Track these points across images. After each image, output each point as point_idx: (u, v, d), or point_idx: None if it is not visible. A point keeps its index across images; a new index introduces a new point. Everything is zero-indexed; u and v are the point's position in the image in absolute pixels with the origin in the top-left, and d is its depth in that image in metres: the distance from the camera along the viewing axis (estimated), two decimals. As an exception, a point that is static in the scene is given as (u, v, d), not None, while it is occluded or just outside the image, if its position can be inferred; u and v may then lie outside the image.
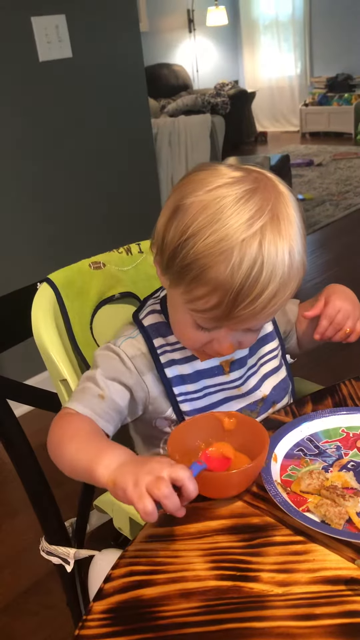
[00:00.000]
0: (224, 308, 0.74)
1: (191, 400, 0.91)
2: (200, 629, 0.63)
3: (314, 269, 3.58)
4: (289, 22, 7.30)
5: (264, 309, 0.75)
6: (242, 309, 0.73)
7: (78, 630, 0.64)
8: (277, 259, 0.72)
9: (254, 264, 0.71)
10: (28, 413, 1.82)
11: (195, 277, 0.73)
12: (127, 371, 0.87)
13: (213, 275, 0.72)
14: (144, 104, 2.72)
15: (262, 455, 0.76)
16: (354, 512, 0.73)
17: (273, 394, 0.97)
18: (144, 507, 0.64)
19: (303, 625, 0.62)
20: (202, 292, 0.74)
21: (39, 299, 0.98)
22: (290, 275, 0.75)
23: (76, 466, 0.76)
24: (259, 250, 0.71)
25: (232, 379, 0.93)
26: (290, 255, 0.74)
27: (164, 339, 0.90)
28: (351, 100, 6.85)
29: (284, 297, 0.76)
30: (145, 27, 6.19)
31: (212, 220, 0.71)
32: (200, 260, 0.72)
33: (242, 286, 0.72)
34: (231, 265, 0.71)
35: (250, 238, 0.71)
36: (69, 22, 2.28)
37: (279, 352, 1.00)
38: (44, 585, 1.64)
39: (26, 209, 2.31)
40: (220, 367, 0.92)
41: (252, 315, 0.75)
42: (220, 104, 6.06)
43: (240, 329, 0.80)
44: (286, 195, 0.76)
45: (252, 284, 0.72)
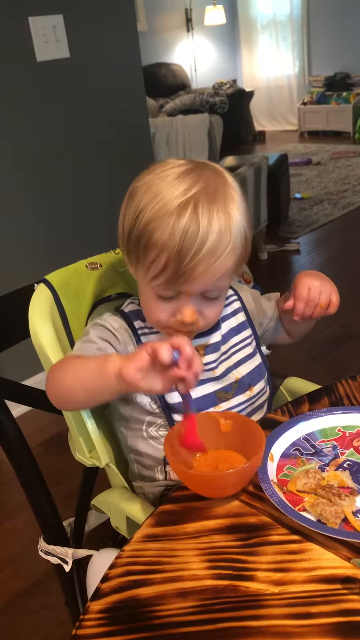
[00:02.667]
0: (172, 267, 0.82)
1: None
2: (197, 628, 0.63)
3: (313, 267, 3.58)
4: (287, 21, 7.30)
5: (209, 265, 0.82)
6: (187, 264, 0.81)
7: (75, 629, 0.64)
8: (211, 217, 0.81)
9: (189, 221, 0.80)
10: (26, 413, 1.83)
11: (145, 245, 0.83)
12: (115, 338, 0.94)
13: (157, 237, 0.82)
14: (141, 103, 2.72)
15: (258, 455, 0.77)
16: (350, 511, 0.74)
17: (247, 377, 1.00)
18: (162, 348, 0.71)
19: (299, 624, 0.62)
20: (152, 256, 0.83)
21: (36, 299, 0.98)
22: (229, 235, 0.83)
23: (84, 374, 0.82)
24: (194, 210, 0.81)
25: (207, 362, 0.97)
26: (225, 214, 0.82)
27: (142, 322, 0.96)
28: (349, 99, 6.86)
29: (226, 256, 0.83)
30: (144, 26, 6.19)
31: (155, 194, 0.83)
32: (147, 228, 0.82)
33: (182, 241, 0.80)
34: (170, 226, 0.80)
35: (185, 202, 0.81)
36: (67, 22, 2.28)
37: (252, 340, 1.04)
38: (42, 585, 1.64)
39: (23, 210, 2.31)
40: (196, 350, 0.93)
41: (199, 273, 0.82)
42: (218, 103, 6.06)
43: (196, 293, 0.86)
44: (225, 176, 0.87)
45: (192, 237, 0.80)
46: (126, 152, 2.62)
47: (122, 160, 2.60)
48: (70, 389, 0.85)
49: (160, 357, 0.72)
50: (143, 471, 0.98)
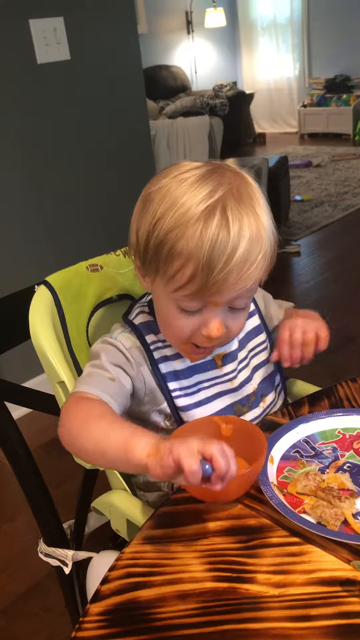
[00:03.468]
0: (200, 277, 0.76)
1: (186, 396, 0.91)
2: (197, 631, 0.63)
3: (313, 269, 3.58)
4: (287, 24, 7.31)
5: (241, 274, 0.76)
6: (218, 274, 0.75)
7: (75, 632, 0.64)
8: (242, 220, 0.76)
9: (219, 227, 0.74)
10: (26, 415, 1.83)
11: (167, 254, 0.77)
12: (127, 362, 0.89)
13: (182, 246, 0.75)
14: (142, 105, 2.73)
15: (260, 460, 0.76)
16: (350, 513, 0.73)
17: (261, 387, 0.98)
18: (190, 465, 0.63)
19: (299, 626, 0.62)
20: (176, 266, 0.77)
21: (37, 301, 0.98)
22: (259, 238, 0.77)
23: (106, 446, 0.74)
24: (222, 215, 0.75)
25: (225, 372, 0.94)
26: (255, 218, 0.77)
27: (155, 336, 0.91)
28: (349, 101, 6.86)
29: (258, 263, 0.78)
30: (144, 29, 6.20)
31: (175, 199, 0.77)
32: (170, 235, 0.76)
33: (212, 248, 0.74)
34: (198, 233, 0.74)
35: (212, 206, 0.75)
36: (67, 24, 2.28)
37: (267, 345, 1.02)
38: (43, 587, 1.64)
39: (23, 211, 2.31)
40: (213, 361, 0.93)
41: (231, 283, 0.77)
42: (218, 105, 6.06)
43: (223, 304, 0.80)
44: (246, 177, 0.81)
45: (222, 244, 0.74)
46: (127, 154, 2.62)
47: (122, 162, 2.60)
48: (88, 452, 0.77)
49: (187, 478, 0.64)
50: (147, 482, 0.99)
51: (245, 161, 3.81)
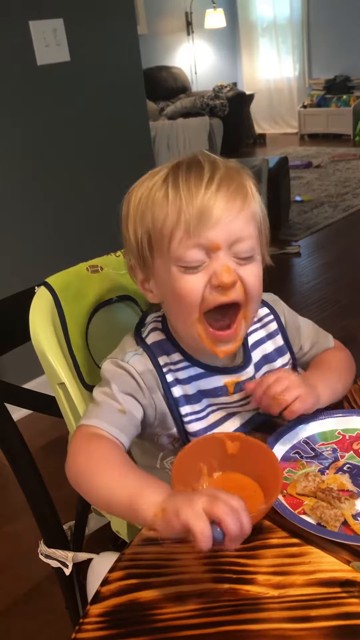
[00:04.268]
0: (188, 209, 0.76)
1: (197, 420, 0.89)
2: (197, 632, 0.63)
3: (313, 270, 3.58)
4: (287, 24, 7.31)
5: (228, 194, 0.77)
6: (203, 196, 0.76)
7: (75, 633, 0.64)
8: (215, 159, 0.80)
9: (189, 166, 0.79)
10: (27, 416, 1.82)
11: (152, 215, 0.80)
12: (139, 389, 0.86)
13: (162, 194, 0.79)
14: (142, 106, 2.73)
15: (275, 493, 0.70)
16: (350, 514, 0.73)
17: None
18: (200, 529, 0.59)
19: (298, 627, 0.62)
20: (162, 218, 0.79)
21: (37, 302, 0.98)
22: (240, 175, 0.80)
23: (111, 502, 0.71)
24: (192, 159, 0.80)
25: (236, 400, 0.90)
26: (226, 160, 0.81)
27: (167, 357, 0.88)
28: (349, 102, 6.86)
29: (244, 190, 0.79)
30: (144, 29, 6.21)
31: (148, 184, 0.82)
32: (148, 201, 0.80)
33: (192, 179, 0.77)
34: (172, 179, 0.79)
35: (179, 162, 0.81)
36: (67, 25, 2.29)
37: (289, 367, 0.97)
38: (43, 588, 1.64)
39: (23, 212, 2.32)
40: (225, 387, 0.89)
41: (219, 207, 0.76)
42: (218, 106, 6.06)
43: (223, 246, 0.77)
44: (233, 162, 0.84)
45: (199, 173, 0.78)
46: (127, 155, 2.63)
47: (122, 163, 2.60)
48: (92, 500, 0.77)
49: (198, 544, 0.60)
50: None
51: (246, 162, 3.81)
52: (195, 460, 0.78)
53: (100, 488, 0.73)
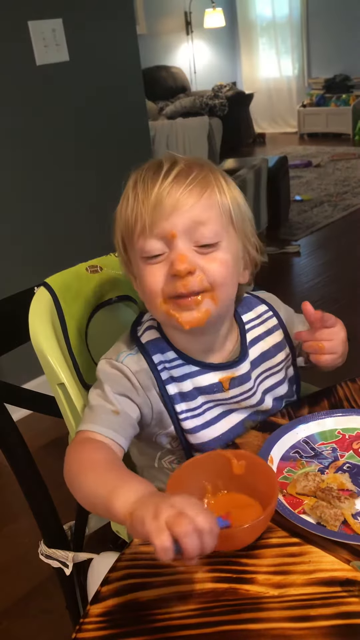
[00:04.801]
0: (143, 198, 0.80)
1: (193, 417, 0.89)
2: (197, 631, 0.63)
3: (313, 269, 3.58)
4: (286, 24, 7.31)
5: (185, 186, 0.79)
6: (160, 187, 0.79)
7: (75, 633, 0.64)
8: (177, 161, 0.82)
9: (150, 167, 0.83)
10: (26, 417, 1.82)
11: (125, 218, 0.83)
12: (133, 389, 0.87)
13: (129, 201, 0.83)
14: (141, 106, 2.73)
15: (271, 507, 0.70)
16: (349, 513, 0.74)
17: (275, 405, 0.96)
18: (161, 543, 0.59)
19: (298, 626, 0.62)
20: (127, 214, 0.83)
21: (36, 303, 0.98)
22: (201, 167, 0.82)
23: (94, 502, 0.72)
24: (157, 162, 0.83)
25: (232, 396, 0.91)
26: (195, 158, 0.84)
27: (162, 355, 0.89)
28: (349, 101, 6.86)
29: (205, 184, 0.80)
30: (143, 29, 6.21)
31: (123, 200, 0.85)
32: (122, 206, 0.84)
33: (147, 184, 0.81)
34: (133, 182, 0.84)
35: (151, 165, 0.84)
36: (66, 25, 2.29)
37: (287, 362, 0.98)
38: (44, 588, 1.64)
39: (23, 213, 2.32)
40: (220, 384, 0.90)
41: (178, 199, 0.79)
42: (218, 105, 6.07)
43: (178, 233, 0.79)
44: (210, 163, 0.86)
45: (159, 168, 0.81)
46: (126, 155, 2.63)
47: (122, 163, 2.60)
48: (81, 501, 0.76)
49: (157, 555, 0.59)
50: None
51: (245, 162, 3.81)
52: (199, 476, 0.78)
53: (85, 487, 0.74)
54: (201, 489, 0.78)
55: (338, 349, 0.92)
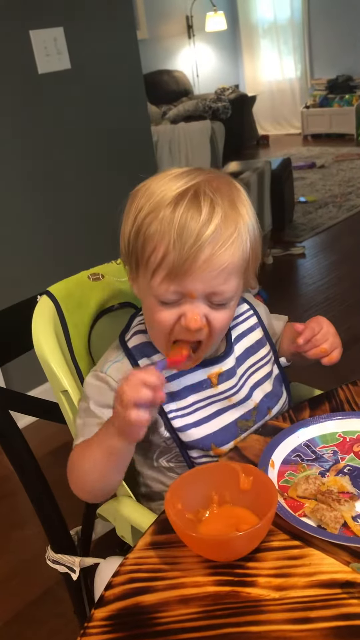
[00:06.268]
0: (172, 255, 0.78)
1: (182, 416, 0.91)
2: (199, 634, 0.64)
3: (318, 271, 3.58)
4: (288, 25, 7.31)
5: (212, 252, 0.78)
6: (189, 249, 0.77)
7: (80, 637, 0.65)
8: (216, 201, 0.78)
9: (190, 206, 0.77)
10: (33, 423, 1.84)
11: (143, 238, 0.80)
12: None
13: (156, 226, 0.78)
14: (143, 112, 2.75)
15: (269, 515, 0.70)
16: (350, 516, 0.74)
17: (265, 401, 0.98)
18: (135, 416, 0.72)
19: (299, 628, 0.63)
20: (150, 248, 0.80)
21: (39, 311, 1.00)
22: (235, 225, 0.80)
23: (97, 465, 0.82)
24: (195, 196, 0.78)
25: (221, 391, 0.94)
26: (231, 204, 0.80)
27: (148, 359, 0.91)
28: (352, 102, 6.86)
29: (232, 247, 0.79)
30: (145, 34, 6.23)
31: (153, 191, 0.81)
32: (144, 221, 0.80)
33: (184, 226, 0.77)
34: (169, 211, 0.78)
35: (185, 190, 0.79)
36: (67, 34, 2.31)
37: (270, 357, 1.02)
38: (54, 593, 1.65)
39: (26, 221, 2.33)
40: (208, 380, 0.93)
41: (204, 262, 0.78)
42: (221, 108, 6.08)
43: (200, 293, 0.81)
44: (230, 178, 0.85)
45: (192, 221, 0.77)
46: (129, 161, 2.64)
47: (124, 169, 2.62)
48: (95, 485, 0.87)
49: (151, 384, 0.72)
50: (151, 493, 1.00)
51: (248, 164, 3.82)
52: (207, 484, 0.78)
53: (89, 469, 0.84)
54: (207, 498, 0.78)
55: (337, 343, 0.96)
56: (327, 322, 0.97)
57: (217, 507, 0.78)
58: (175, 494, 0.74)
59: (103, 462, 0.82)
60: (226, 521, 0.75)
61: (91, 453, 0.83)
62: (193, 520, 0.76)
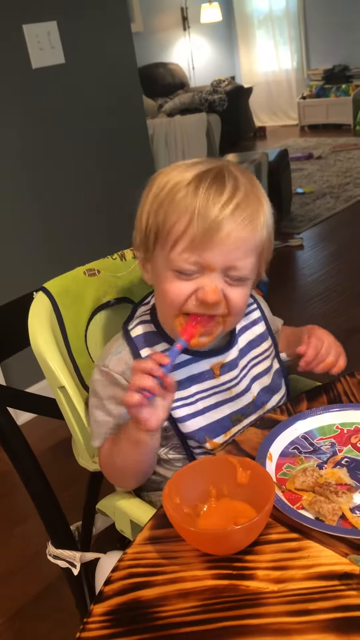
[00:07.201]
0: (196, 224, 0.79)
1: (184, 406, 0.91)
2: (198, 628, 0.64)
3: (316, 262, 3.58)
4: (284, 16, 7.28)
5: (236, 224, 0.80)
6: (213, 221, 0.79)
7: (79, 632, 0.65)
8: (238, 179, 0.82)
9: (214, 181, 0.80)
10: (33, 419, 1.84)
11: (165, 213, 0.82)
12: (123, 389, 0.89)
13: (180, 200, 0.80)
14: (139, 106, 2.73)
15: (266, 508, 0.70)
16: (347, 508, 0.74)
17: (261, 395, 0.98)
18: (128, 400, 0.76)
19: (298, 620, 0.63)
20: (173, 219, 0.81)
21: (35, 308, 1.00)
22: (257, 199, 0.83)
23: (130, 457, 0.87)
24: (219, 173, 0.81)
25: (223, 382, 0.94)
26: (252, 185, 0.84)
27: (150, 349, 0.91)
28: (349, 91, 6.83)
29: (255, 223, 0.82)
30: (140, 27, 6.19)
31: (174, 174, 0.83)
32: (167, 198, 0.82)
33: (209, 196, 0.79)
34: (193, 186, 0.80)
35: (207, 171, 0.82)
36: (61, 28, 2.29)
37: (272, 352, 1.02)
38: (55, 588, 1.66)
39: (21, 217, 2.32)
40: (211, 370, 0.93)
41: (225, 234, 0.79)
42: (217, 100, 6.06)
43: (218, 269, 0.81)
44: (247, 171, 0.87)
45: (217, 193, 0.79)
46: (125, 156, 2.63)
47: (121, 164, 2.61)
48: (134, 475, 0.92)
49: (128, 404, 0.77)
50: (150, 483, 1.00)
51: (245, 156, 3.80)
52: (205, 478, 0.78)
53: (120, 465, 0.89)
54: (205, 492, 0.78)
55: (339, 350, 0.97)
56: (325, 334, 0.97)
57: (215, 501, 0.78)
58: (173, 488, 0.74)
59: (133, 454, 0.86)
60: (224, 515, 0.76)
61: (120, 448, 0.87)
62: (191, 514, 0.76)
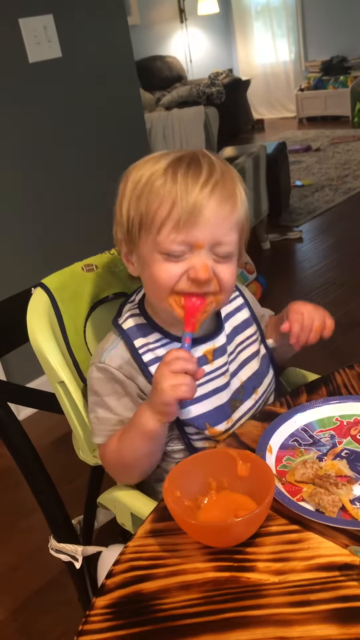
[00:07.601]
0: (179, 205, 0.81)
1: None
2: (200, 620, 0.65)
3: (315, 255, 3.58)
4: (281, 7, 7.24)
5: (220, 200, 0.82)
6: (197, 196, 0.81)
7: (82, 625, 0.66)
8: (214, 161, 0.85)
9: (190, 165, 0.83)
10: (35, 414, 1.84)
11: (147, 201, 0.83)
12: (122, 385, 0.91)
13: (160, 186, 0.82)
14: (136, 99, 2.73)
15: (267, 501, 0.70)
16: (347, 499, 0.75)
17: (252, 379, 0.99)
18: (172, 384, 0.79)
19: (299, 611, 0.63)
20: (156, 205, 0.83)
21: (34, 304, 1.00)
22: (233, 178, 0.85)
23: (139, 448, 0.87)
24: (194, 158, 0.84)
25: (217, 367, 0.95)
26: (225, 165, 0.86)
27: (144, 338, 0.93)
28: (347, 83, 6.80)
29: (235, 197, 0.84)
30: (137, 20, 6.17)
31: (148, 167, 0.85)
32: (146, 187, 0.84)
33: (187, 181, 0.81)
34: (172, 172, 0.82)
35: (181, 157, 0.85)
36: (57, 21, 2.28)
37: (257, 337, 1.03)
38: (58, 582, 1.67)
39: (18, 213, 2.32)
40: (204, 357, 0.94)
41: (213, 210, 0.82)
42: (215, 93, 6.04)
43: (206, 245, 0.83)
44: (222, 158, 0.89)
45: (196, 173, 0.82)
46: (122, 149, 2.62)
47: (118, 158, 2.60)
48: (140, 466, 0.92)
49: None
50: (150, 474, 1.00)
51: (243, 149, 3.79)
52: (205, 471, 0.78)
53: (130, 460, 0.89)
54: (205, 485, 0.79)
55: (322, 312, 0.97)
56: (302, 304, 0.98)
57: (216, 493, 0.78)
58: (173, 482, 0.75)
59: (145, 447, 0.87)
60: (225, 507, 0.76)
61: (130, 444, 0.87)
62: (192, 507, 0.76)
